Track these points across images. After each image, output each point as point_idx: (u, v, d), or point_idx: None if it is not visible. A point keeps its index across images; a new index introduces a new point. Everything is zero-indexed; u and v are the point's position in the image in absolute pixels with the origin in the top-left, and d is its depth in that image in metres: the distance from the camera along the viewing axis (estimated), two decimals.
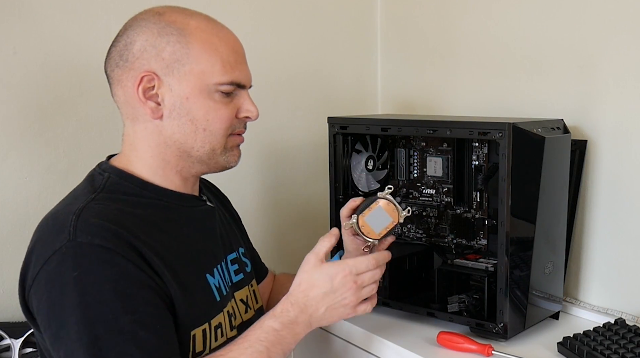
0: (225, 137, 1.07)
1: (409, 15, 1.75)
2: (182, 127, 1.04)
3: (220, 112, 1.05)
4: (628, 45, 1.29)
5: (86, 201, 0.99)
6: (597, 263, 1.37)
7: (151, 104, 1.03)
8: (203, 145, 1.05)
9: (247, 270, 1.22)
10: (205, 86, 1.03)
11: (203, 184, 1.23)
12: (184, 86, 1.02)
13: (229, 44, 1.05)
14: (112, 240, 0.93)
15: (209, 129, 1.05)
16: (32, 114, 1.34)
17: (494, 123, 1.17)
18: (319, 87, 1.76)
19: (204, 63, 1.02)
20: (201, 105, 1.03)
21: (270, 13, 1.65)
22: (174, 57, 1.02)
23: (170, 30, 1.02)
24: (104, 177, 1.05)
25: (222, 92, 1.04)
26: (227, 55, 1.04)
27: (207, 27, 1.04)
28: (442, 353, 1.18)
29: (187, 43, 1.02)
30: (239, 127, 1.10)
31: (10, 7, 1.31)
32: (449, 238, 1.39)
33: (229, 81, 1.04)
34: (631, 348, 1.09)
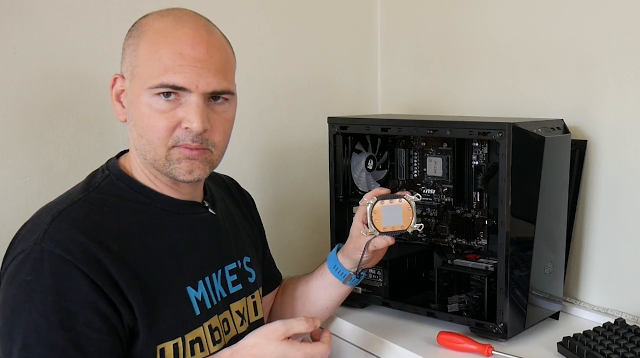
0: (163, 148, 0.99)
1: (409, 15, 1.75)
2: (132, 132, 1.02)
3: (152, 121, 0.99)
4: (628, 45, 1.29)
5: (71, 202, 0.98)
6: (597, 263, 1.37)
7: (117, 106, 1.04)
8: (146, 154, 1.01)
9: (250, 281, 1.18)
10: (144, 90, 0.98)
11: (221, 186, 1.22)
12: (132, 89, 1.00)
13: (175, 45, 0.98)
14: (75, 253, 0.92)
15: (145, 137, 1.00)
16: (32, 114, 1.34)
17: (494, 123, 1.17)
18: (319, 87, 1.75)
19: (145, 65, 0.98)
20: (139, 111, 1.00)
21: (270, 13, 1.65)
22: (129, 60, 1.01)
23: (133, 33, 1.02)
24: (104, 176, 1.04)
25: (159, 97, 0.97)
26: (166, 57, 0.97)
27: (163, 29, 0.99)
28: (442, 353, 1.18)
29: (137, 46, 1.00)
30: (184, 139, 0.99)
31: (10, 7, 1.30)
32: (449, 238, 1.39)
33: (159, 84, 0.97)
34: (631, 348, 1.09)
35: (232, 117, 1.07)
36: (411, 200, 1.14)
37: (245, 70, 1.61)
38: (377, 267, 1.35)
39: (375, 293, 1.36)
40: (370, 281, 1.37)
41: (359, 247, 1.17)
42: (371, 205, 1.14)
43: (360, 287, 1.38)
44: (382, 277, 1.35)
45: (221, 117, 1.03)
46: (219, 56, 1.01)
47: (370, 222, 1.14)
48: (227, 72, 1.03)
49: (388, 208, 1.13)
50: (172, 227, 1.04)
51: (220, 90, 1.01)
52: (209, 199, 1.14)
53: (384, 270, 1.34)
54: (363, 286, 1.38)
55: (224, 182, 1.27)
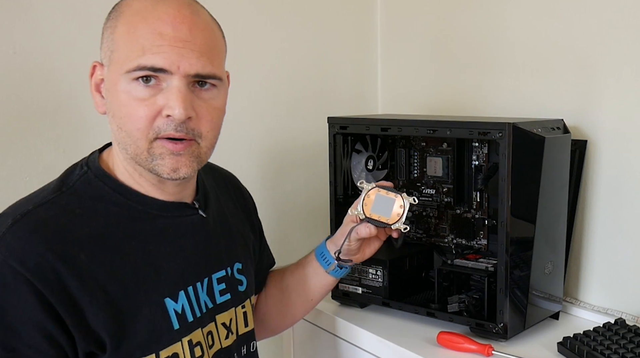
0: (145, 141, 0.90)
1: (409, 15, 1.75)
2: (111, 124, 0.93)
3: (131, 110, 0.89)
4: (628, 45, 1.29)
5: (39, 203, 0.90)
6: (597, 263, 1.37)
7: (97, 97, 0.94)
8: (127, 148, 0.92)
9: (240, 289, 1.09)
10: (121, 76, 0.89)
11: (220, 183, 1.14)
12: (109, 77, 0.91)
13: (154, 24, 0.89)
14: (29, 265, 0.83)
15: (125, 128, 0.90)
16: (32, 114, 1.34)
17: (494, 123, 1.17)
18: (319, 87, 1.75)
19: (122, 49, 0.89)
20: (117, 100, 0.90)
21: (270, 13, 1.65)
22: (107, 45, 0.92)
23: (112, 15, 0.93)
24: (81, 173, 0.95)
25: (137, 82, 0.88)
26: (144, 37, 0.88)
27: (141, 8, 0.90)
28: (442, 353, 1.18)
29: (114, 27, 0.91)
30: (166, 129, 0.89)
31: (10, 7, 1.30)
32: (449, 238, 1.39)
33: (135, 66, 0.88)
34: (631, 348, 1.09)
35: (221, 105, 0.97)
36: (407, 199, 1.13)
37: (246, 70, 1.62)
38: (377, 267, 1.35)
39: (375, 293, 1.36)
40: (370, 281, 1.37)
41: (345, 233, 1.14)
42: (368, 189, 1.13)
43: (360, 287, 1.38)
44: (382, 277, 1.35)
45: (208, 104, 0.94)
46: (204, 37, 0.92)
47: (361, 204, 1.13)
48: (214, 56, 0.94)
49: (382, 198, 1.13)
50: (153, 232, 0.95)
51: (205, 74, 0.92)
52: (201, 199, 1.04)
53: (384, 270, 1.34)
54: (363, 286, 1.38)
55: (223, 179, 1.20)
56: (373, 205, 1.13)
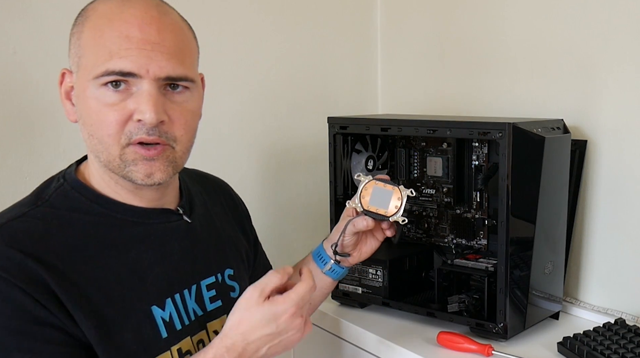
0: (117, 147, 0.88)
1: (409, 15, 1.75)
2: (82, 132, 0.91)
3: (101, 116, 0.87)
4: (628, 45, 1.29)
5: (13, 216, 0.88)
6: (597, 263, 1.37)
7: (67, 105, 0.92)
8: (99, 156, 0.90)
9: (232, 295, 1.05)
10: (89, 82, 0.87)
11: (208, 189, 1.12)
12: (78, 84, 0.89)
13: (120, 28, 0.86)
14: (12, 270, 0.81)
15: (95, 135, 0.88)
16: (32, 114, 1.34)
17: (494, 123, 1.17)
18: (319, 87, 1.75)
19: (89, 54, 0.87)
20: (86, 107, 0.88)
21: (270, 13, 1.65)
22: (74, 51, 0.90)
23: (78, 20, 0.90)
24: (57, 185, 0.93)
25: (106, 87, 0.86)
26: (111, 41, 0.86)
27: (107, 12, 0.88)
28: (442, 353, 1.18)
29: (81, 33, 0.88)
30: (137, 133, 0.87)
31: (10, 7, 1.30)
32: (449, 238, 1.39)
33: (103, 71, 0.85)
34: (631, 348, 1.09)
35: (194, 108, 0.94)
36: (405, 191, 1.12)
37: (246, 70, 1.62)
38: (377, 267, 1.35)
39: (375, 293, 1.36)
40: (370, 281, 1.37)
41: (341, 228, 1.13)
42: (365, 182, 1.13)
43: (360, 287, 1.38)
44: (382, 277, 1.35)
45: (181, 107, 0.91)
46: (173, 38, 0.89)
47: (359, 196, 1.12)
48: (185, 57, 0.91)
49: (379, 190, 1.12)
50: (134, 240, 0.93)
51: (176, 76, 0.89)
52: (185, 205, 1.02)
53: (384, 270, 1.34)
54: (363, 286, 1.38)
55: (212, 186, 1.16)
56: (371, 198, 1.12)
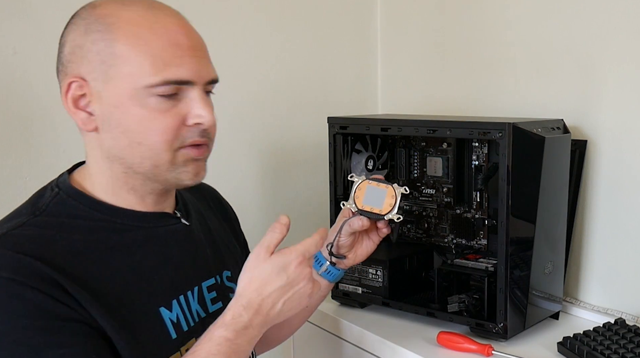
0: (169, 152, 0.89)
1: (409, 15, 1.75)
2: (117, 140, 0.89)
3: (156, 123, 0.87)
4: (628, 45, 1.29)
5: (14, 225, 0.86)
6: (597, 263, 1.37)
7: (81, 115, 0.90)
8: (142, 161, 0.89)
9: (231, 297, 1.01)
10: (135, 91, 0.86)
11: (196, 194, 1.11)
12: (113, 92, 0.87)
13: (165, 35, 0.87)
14: (25, 273, 0.81)
15: (145, 142, 0.88)
16: (32, 114, 1.34)
17: (494, 123, 1.17)
18: (319, 87, 1.75)
19: (131, 63, 0.86)
20: (132, 115, 0.87)
21: (270, 13, 1.65)
22: (100, 59, 0.87)
23: (96, 27, 0.87)
24: (52, 194, 0.92)
25: (159, 95, 0.87)
26: (159, 50, 0.86)
27: (140, 19, 0.87)
28: (442, 353, 1.18)
29: (112, 41, 0.86)
30: (192, 136, 0.90)
31: (10, 7, 1.31)
32: (449, 238, 1.39)
33: (161, 81, 0.86)
34: (631, 348, 1.09)
35: None
36: (398, 189, 1.12)
37: (245, 70, 1.62)
38: (377, 267, 1.35)
39: (375, 293, 1.36)
40: (370, 281, 1.37)
41: (337, 228, 1.13)
42: (358, 182, 1.13)
43: (360, 287, 1.38)
44: (382, 277, 1.35)
45: (213, 109, 0.93)
46: (203, 42, 0.92)
47: (352, 196, 1.12)
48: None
49: (373, 189, 1.12)
50: (137, 243, 0.93)
51: (216, 79, 0.93)
52: (182, 208, 1.03)
53: (384, 270, 1.35)
54: (363, 286, 1.38)
55: (201, 192, 1.16)
56: (365, 197, 1.12)
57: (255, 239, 1.74)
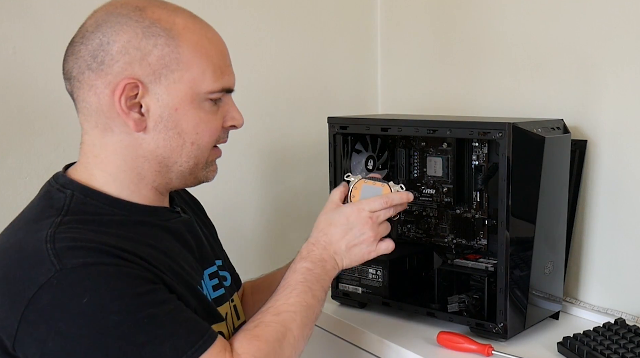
0: (208, 151, 0.98)
1: (408, 15, 1.75)
2: (169, 141, 0.93)
3: (210, 124, 0.96)
4: (628, 46, 1.29)
5: (53, 225, 0.87)
6: (597, 263, 1.37)
7: (135, 115, 0.91)
8: (188, 160, 0.96)
9: (227, 284, 1.12)
10: (196, 95, 0.93)
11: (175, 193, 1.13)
12: (173, 95, 0.91)
13: (218, 45, 0.96)
14: (106, 256, 0.84)
15: (197, 142, 0.95)
16: (32, 114, 1.34)
17: (494, 123, 1.17)
18: (319, 88, 1.76)
19: (194, 69, 0.92)
20: (191, 117, 0.93)
21: (270, 13, 1.65)
22: (162, 63, 0.90)
23: (156, 31, 0.90)
24: (66, 195, 0.92)
25: (211, 100, 0.95)
26: (217, 59, 0.95)
27: (195, 27, 0.94)
28: (442, 353, 1.18)
29: (176, 46, 0.91)
30: (224, 137, 1.00)
31: (10, 7, 1.31)
32: (449, 238, 1.39)
33: (219, 88, 0.95)
34: (631, 348, 1.09)
35: None
36: (394, 188, 1.12)
37: (246, 71, 1.62)
38: (377, 267, 1.35)
39: (375, 293, 1.36)
40: (370, 281, 1.37)
41: None
42: (354, 181, 1.13)
43: (360, 287, 1.38)
44: (382, 277, 1.35)
45: None
46: None
47: (349, 196, 1.13)
48: None
49: (368, 188, 1.12)
50: (160, 233, 0.98)
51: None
52: (178, 204, 1.08)
53: (384, 270, 1.35)
54: (363, 286, 1.38)
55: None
56: (361, 196, 1.12)
57: (255, 239, 1.76)
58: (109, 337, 0.82)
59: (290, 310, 0.96)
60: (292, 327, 0.94)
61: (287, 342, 0.92)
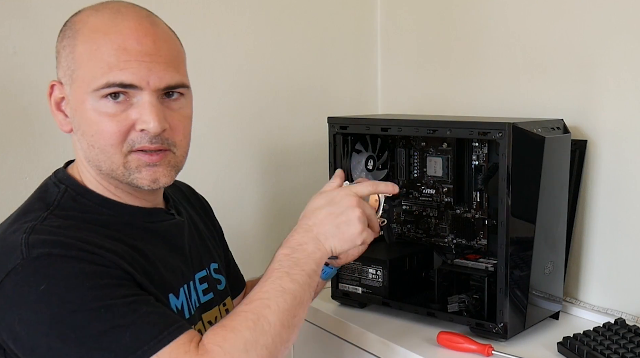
0: (120, 155, 0.92)
1: (408, 15, 1.75)
2: (81, 142, 0.94)
3: (102, 126, 0.90)
4: (628, 46, 1.29)
5: (39, 219, 0.89)
6: (597, 263, 1.37)
7: (59, 116, 0.95)
8: (100, 164, 0.93)
9: (220, 288, 1.12)
10: (88, 94, 0.90)
11: (176, 192, 1.14)
12: (75, 95, 0.92)
13: (117, 40, 0.89)
14: (73, 249, 0.85)
15: (96, 145, 0.92)
16: (32, 114, 1.34)
17: (494, 123, 1.17)
18: (319, 88, 1.76)
19: (84, 67, 0.90)
20: (86, 118, 0.91)
21: (270, 13, 1.65)
22: (67, 63, 0.92)
23: (68, 33, 0.93)
24: (60, 190, 0.95)
25: (108, 98, 0.90)
26: (108, 54, 0.89)
27: (99, 24, 0.90)
28: (442, 353, 1.18)
29: (74, 46, 0.91)
30: (140, 141, 0.91)
31: (10, 7, 1.31)
32: (449, 238, 1.39)
33: (103, 84, 0.89)
34: (631, 348, 1.09)
35: (190, 113, 0.99)
36: (381, 193, 1.10)
37: (245, 71, 1.62)
38: (377, 267, 1.35)
39: (375, 293, 1.36)
40: (370, 281, 1.37)
41: None
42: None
43: (360, 287, 1.38)
44: (382, 277, 1.35)
45: (178, 114, 0.95)
46: (168, 48, 0.93)
47: None
48: (179, 65, 0.96)
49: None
50: (146, 235, 0.98)
51: (174, 84, 0.93)
52: (172, 205, 1.07)
53: (384, 270, 1.35)
54: (363, 286, 1.38)
55: (179, 189, 1.19)
56: None
57: (254, 239, 1.76)
58: (65, 325, 0.82)
59: (262, 298, 0.91)
60: (264, 313, 0.89)
61: (260, 329, 0.87)
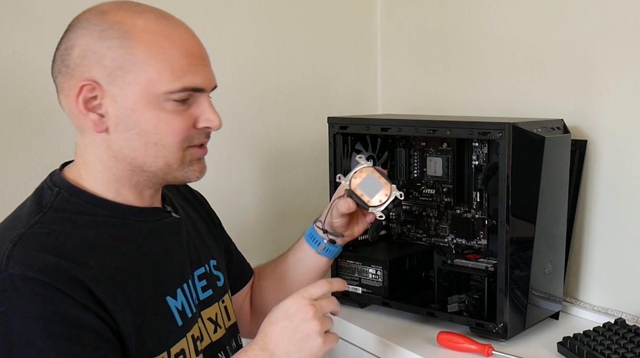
0: (181, 151, 0.96)
1: (408, 15, 1.75)
2: (130, 141, 0.94)
3: (172, 124, 0.94)
4: (628, 46, 1.29)
5: (29, 225, 0.90)
6: (597, 263, 1.37)
7: (93, 116, 0.93)
8: (156, 161, 0.95)
9: (219, 285, 1.12)
10: (153, 96, 0.92)
11: (172, 189, 1.15)
12: (129, 96, 0.92)
13: (181, 45, 0.94)
14: (49, 273, 0.84)
15: (161, 142, 0.94)
16: (32, 114, 1.34)
17: (494, 123, 1.17)
18: (319, 87, 1.75)
19: (150, 70, 0.92)
20: (150, 117, 0.93)
21: (270, 13, 1.65)
22: (116, 64, 0.91)
23: (112, 33, 0.92)
24: (53, 193, 0.95)
25: (174, 100, 0.93)
26: (177, 59, 0.93)
27: (155, 28, 0.93)
28: (442, 353, 1.18)
29: (130, 48, 0.91)
30: (199, 137, 0.98)
31: (10, 7, 1.30)
32: (449, 238, 1.39)
33: (179, 88, 0.93)
34: (631, 348, 1.09)
35: None
36: (395, 191, 1.12)
37: (245, 70, 1.62)
38: (377, 267, 1.35)
39: (375, 293, 1.36)
40: (370, 281, 1.37)
41: (329, 207, 1.17)
42: (363, 166, 1.13)
43: (360, 287, 1.38)
44: (382, 277, 1.35)
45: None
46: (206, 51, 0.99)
47: (351, 175, 1.14)
48: None
49: (372, 179, 1.12)
50: (141, 236, 0.98)
51: (216, 85, 1.00)
52: (169, 203, 1.08)
53: (384, 270, 1.35)
54: (363, 286, 1.38)
55: (174, 186, 1.17)
56: (361, 182, 1.13)
57: (254, 238, 1.76)
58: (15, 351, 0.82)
59: None
60: None
61: None
